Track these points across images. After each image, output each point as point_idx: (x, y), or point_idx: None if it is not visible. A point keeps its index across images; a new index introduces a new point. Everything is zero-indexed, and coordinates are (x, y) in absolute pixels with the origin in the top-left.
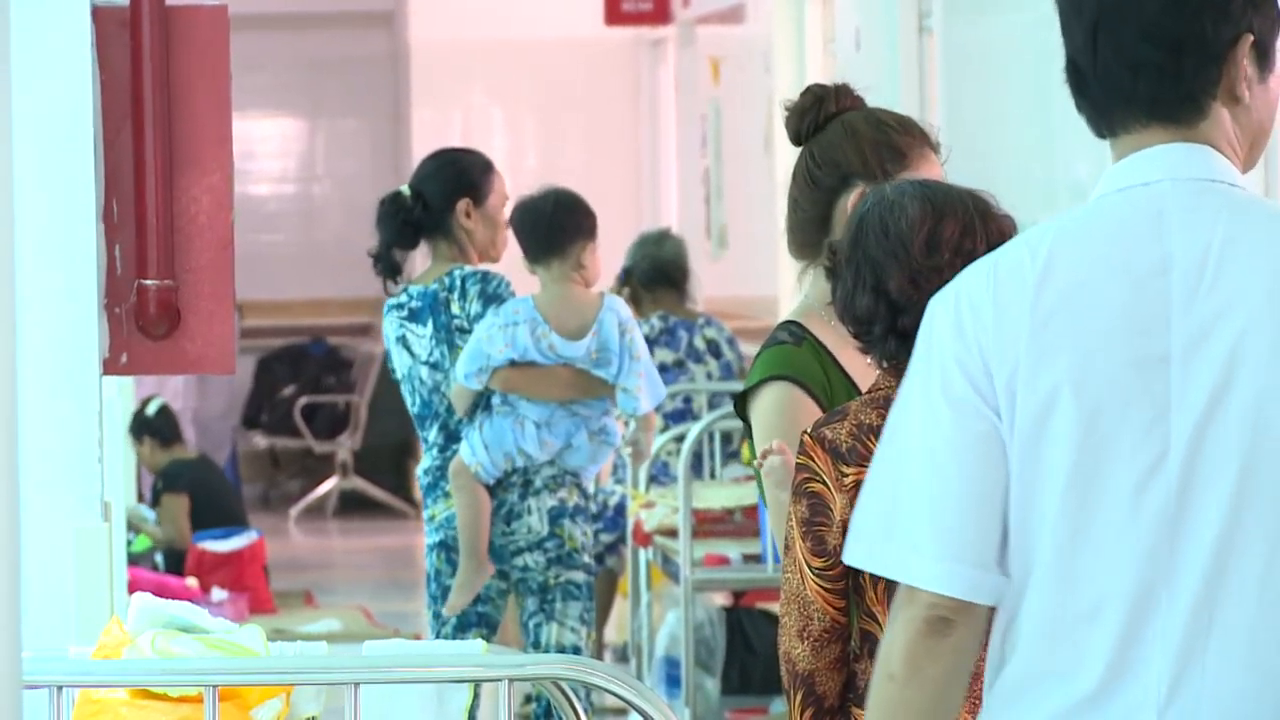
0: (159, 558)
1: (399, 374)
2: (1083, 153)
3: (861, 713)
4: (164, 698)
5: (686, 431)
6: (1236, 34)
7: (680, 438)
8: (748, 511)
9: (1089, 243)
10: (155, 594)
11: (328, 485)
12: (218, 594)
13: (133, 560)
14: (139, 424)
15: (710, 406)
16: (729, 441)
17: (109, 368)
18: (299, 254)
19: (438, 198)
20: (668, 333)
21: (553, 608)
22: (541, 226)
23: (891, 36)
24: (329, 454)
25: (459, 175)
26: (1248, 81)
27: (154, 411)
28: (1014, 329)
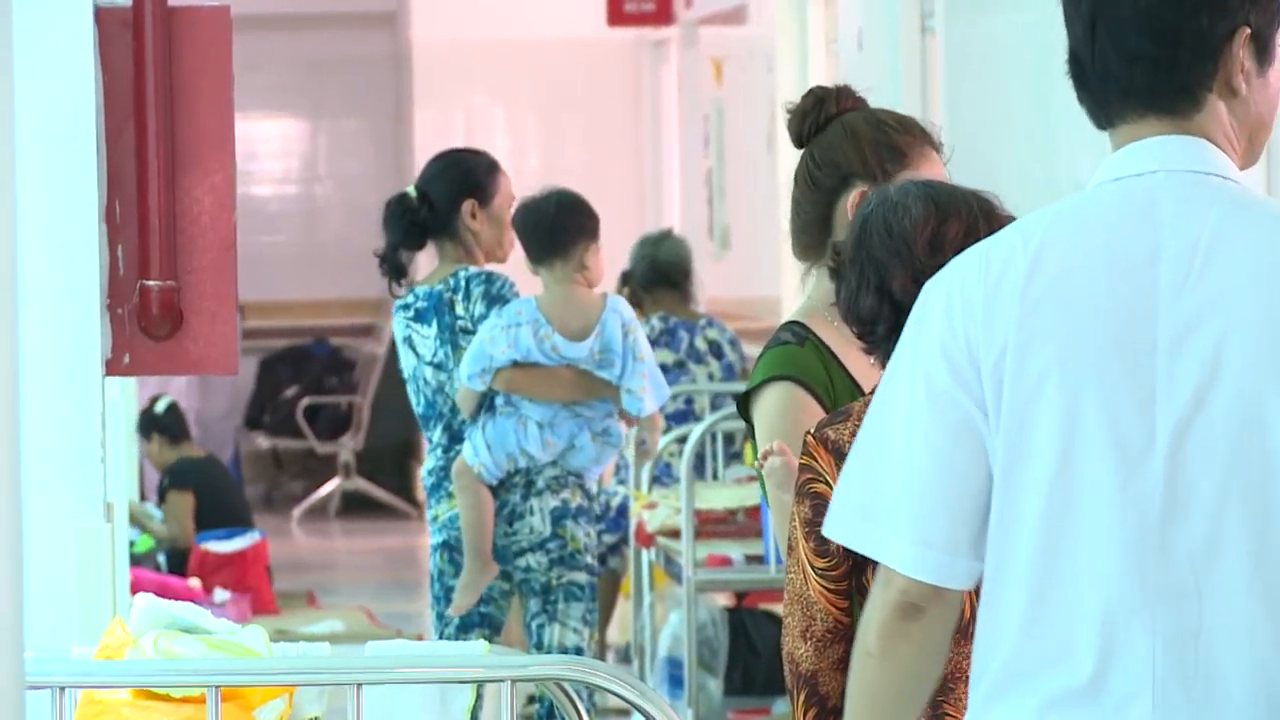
0: (161, 558)
1: (405, 374)
2: (1085, 152)
3: None
4: (166, 698)
5: (689, 432)
6: (1233, 27)
7: (683, 438)
8: (750, 512)
9: (1081, 231)
10: (158, 595)
11: (330, 486)
12: (220, 595)
13: (135, 561)
14: (147, 421)
15: (712, 407)
16: (731, 442)
17: (111, 368)
18: (301, 254)
19: (443, 199)
20: (668, 333)
21: (555, 609)
22: (544, 227)
23: (894, 36)
24: (331, 455)
25: (464, 176)
26: (1245, 75)
27: (163, 409)
28: (1004, 315)
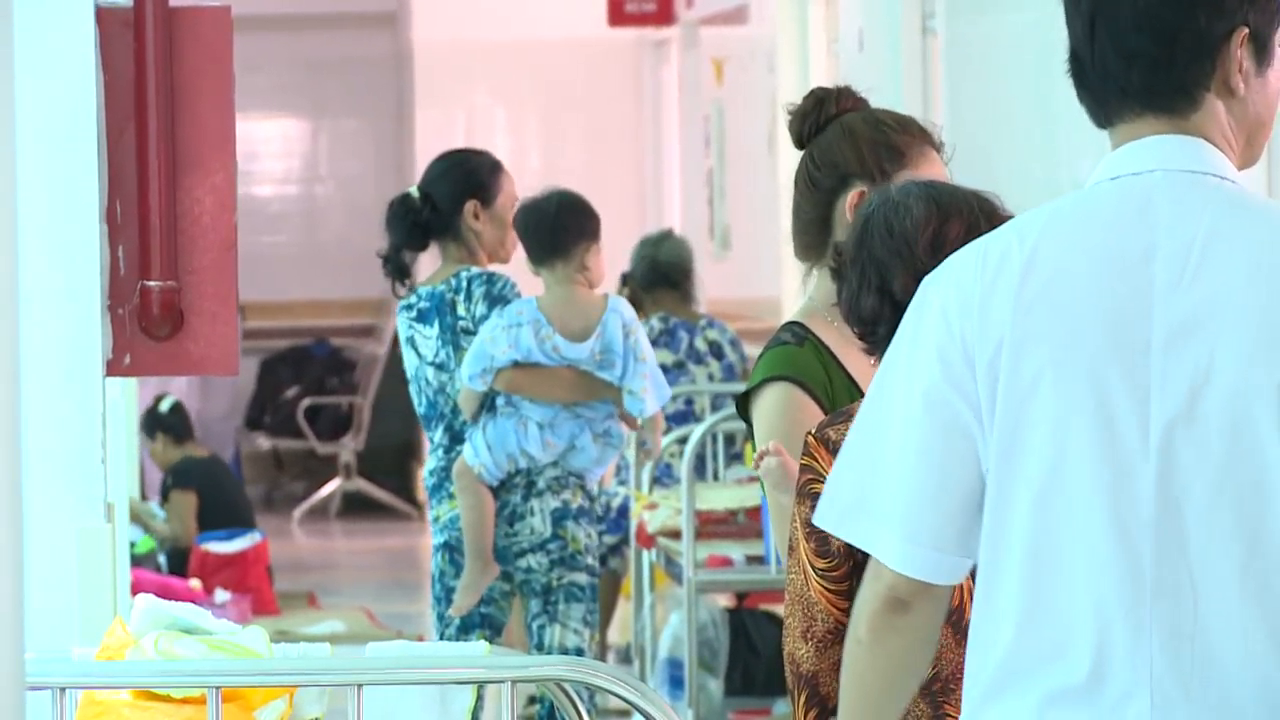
0: (162, 559)
1: (408, 374)
2: (1085, 151)
3: None
4: (167, 699)
5: (689, 433)
6: (1230, 27)
7: (683, 439)
8: (751, 513)
9: (1077, 229)
10: (158, 595)
11: (331, 486)
12: (221, 595)
13: (136, 562)
14: (152, 420)
15: (713, 408)
16: (732, 443)
17: (112, 369)
18: (302, 255)
19: (446, 199)
20: (668, 334)
21: (556, 609)
22: (545, 228)
23: (895, 37)
24: (332, 455)
25: (467, 176)
26: (1243, 75)
27: (167, 409)
28: (999, 313)
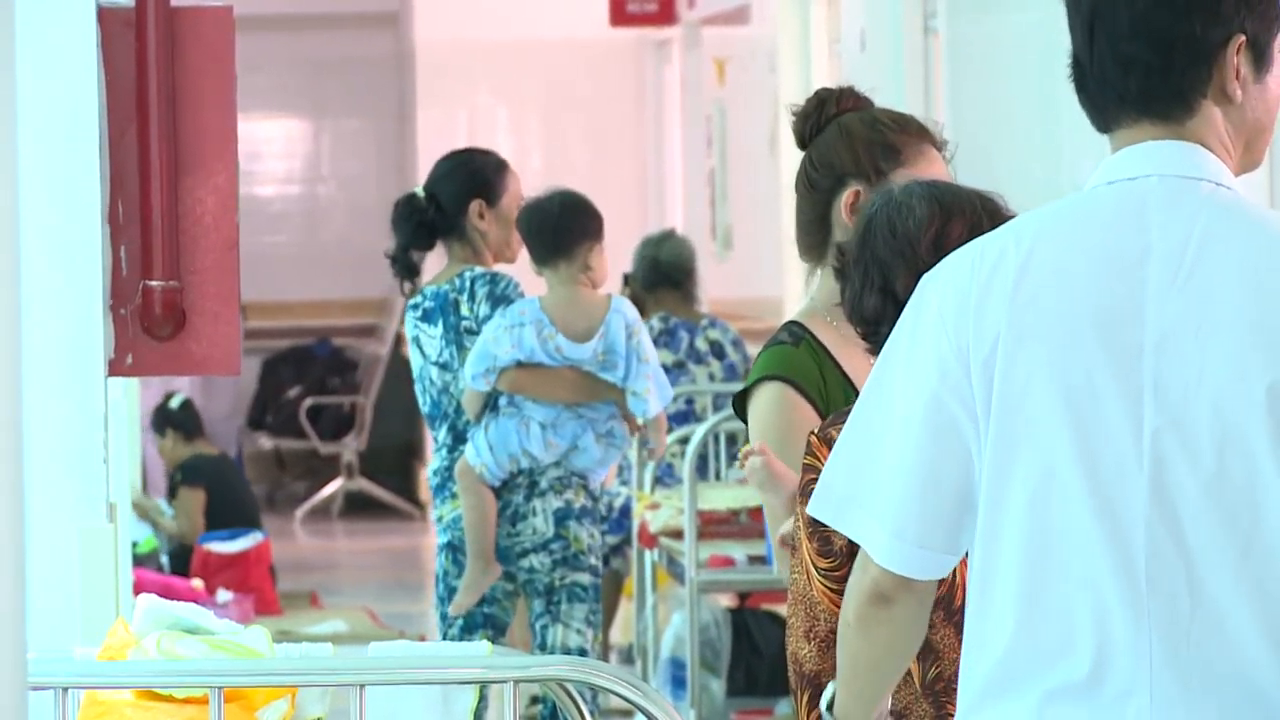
0: (164, 559)
1: (414, 374)
2: (1088, 152)
3: None
4: (169, 699)
5: (691, 433)
6: (1227, 34)
7: (685, 439)
8: (753, 513)
9: (1073, 232)
10: (160, 595)
11: (333, 486)
12: (223, 595)
13: (138, 562)
14: (162, 417)
15: (715, 408)
16: (734, 443)
17: (114, 369)
18: (304, 255)
19: (451, 199)
20: (668, 334)
21: (558, 609)
22: (548, 228)
23: (896, 37)
24: (334, 455)
25: (471, 176)
26: (1241, 81)
27: (177, 405)
28: (994, 313)
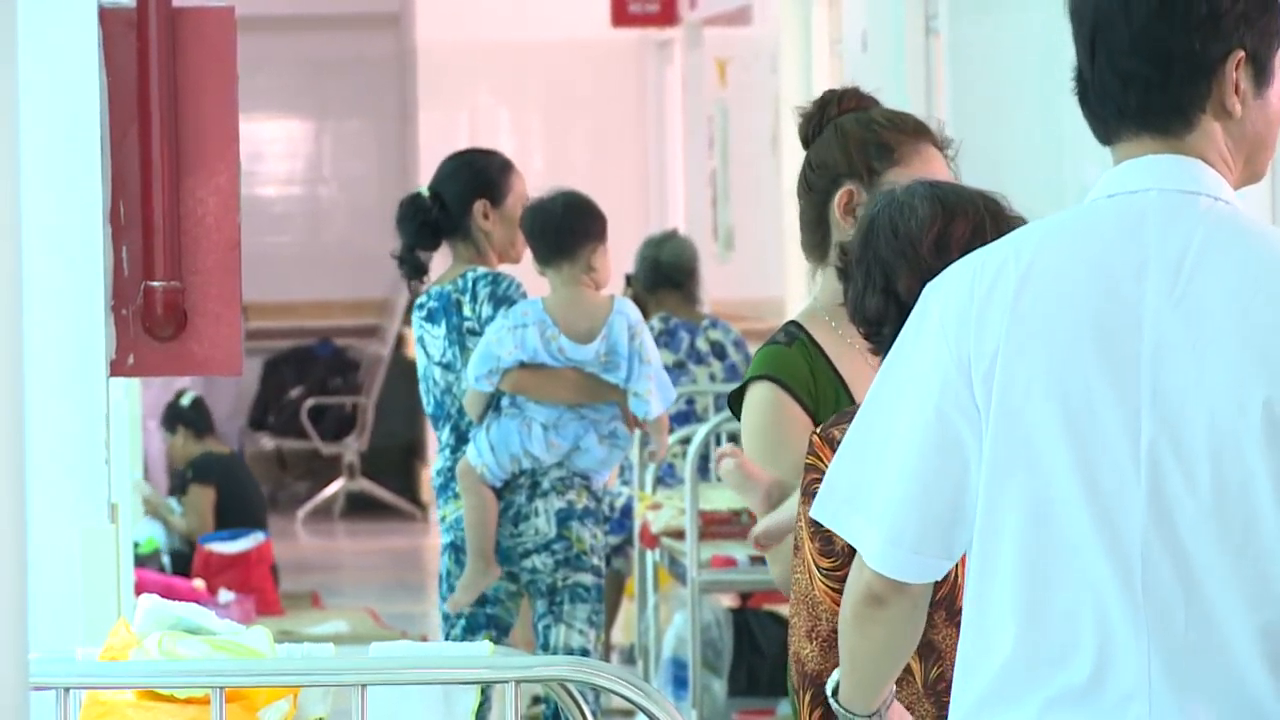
0: (166, 559)
1: (418, 374)
2: (1090, 153)
3: None
4: (171, 699)
5: (693, 434)
6: (1227, 50)
7: (686, 440)
8: (754, 514)
9: (1072, 244)
10: (162, 595)
11: (334, 487)
12: (225, 595)
13: (140, 562)
14: (173, 414)
15: (716, 408)
16: (735, 443)
17: (116, 369)
18: (305, 255)
19: (455, 199)
20: (668, 334)
21: (561, 610)
22: (551, 229)
23: (898, 37)
24: (336, 455)
25: (476, 176)
26: (1240, 96)
27: (188, 403)
28: (994, 325)
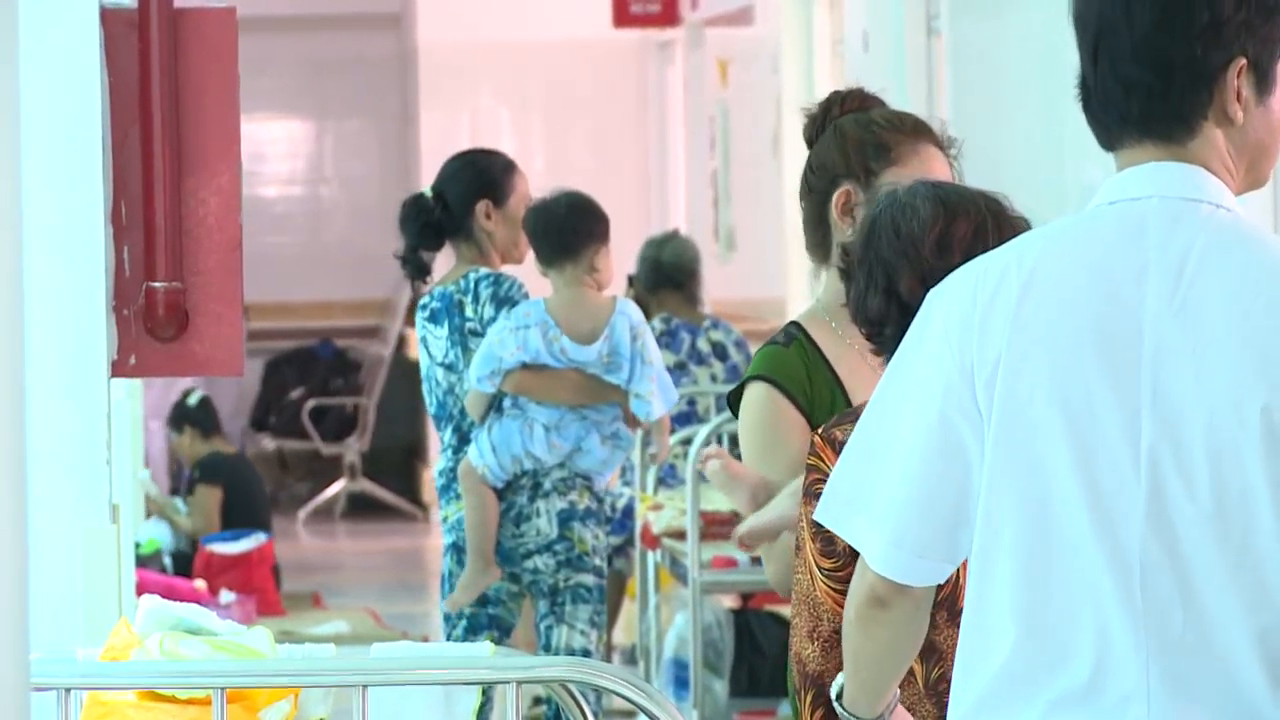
0: (167, 560)
1: (421, 374)
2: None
3: None
4: (172, 700)
5: (694, 434)
6: (1228, 58)
7: (688, 440)
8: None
9: (1074, 251)
10: (163, 596)
11: (336, 487)
12: (226, 596)
13: (141, 562)
14: (179, 414)
15: (717, 409)
16: (736, 444)
17: (117, 370)
18: (307, 256)
19: (458, 199)
20: (669, 335)
21: (562, 610)
22: (554, 229)
23: (899, 38)
24: (337, 456)
25: (478, 176)
26: (1242, 103)
27: (195, 402)
28: (997, 331)
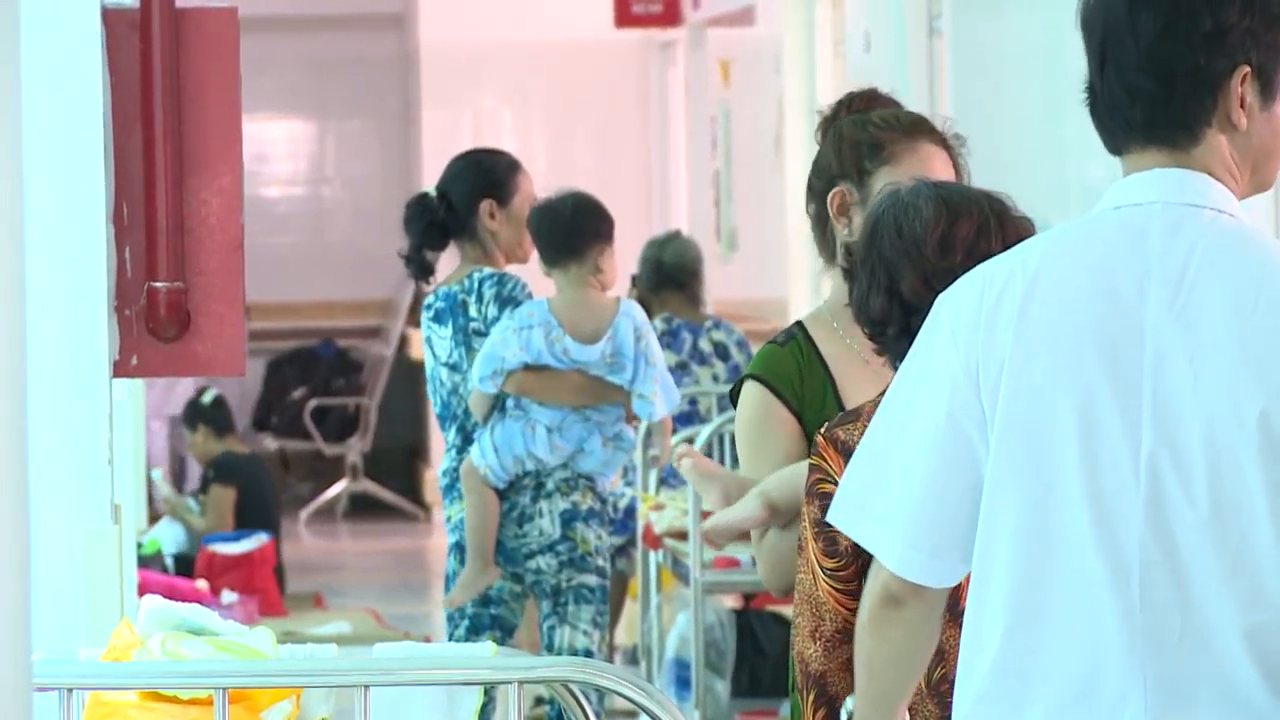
0: (169, 560)
1: (426, 374)
2: (1093, 154)
3: None
4: (174, 700)
5: (695, 434)
6: (1232, 65)
7: (689, 440)
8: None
9: (1077, 255)
10: (165, 596)
11: (337, 488)
12: (228, 596)
13: (142, 563)
14: (193, 412)
15: (719, 409)
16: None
17: (119, 370)
18: (309, 256)
19: (462, 199)
20: (670, 335)
21: (565, 611)
22: (559, 229)
23: (901, 38)
24: (339, 456)
25: (482, 176)
26: (1246, 110)
27: (210, 401)
28: (1002, 334)
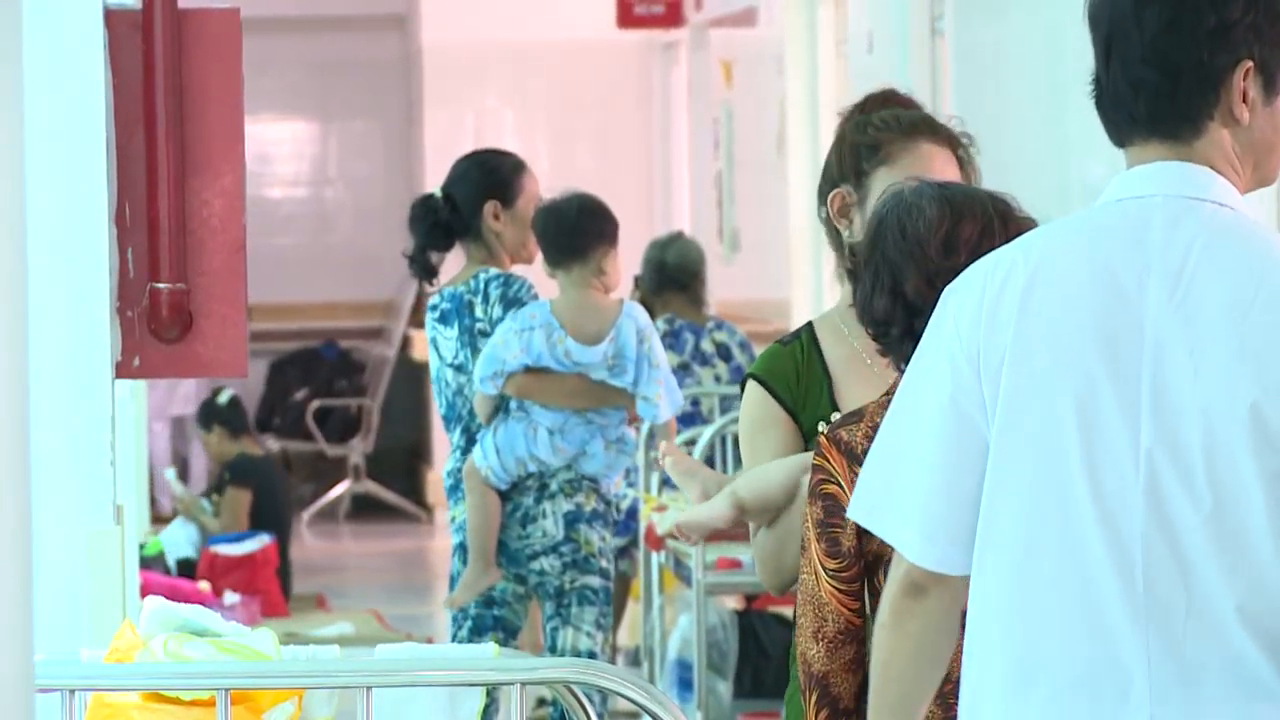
0: (171, 561)
1: (431, 375)
2: (1096, 153)
3: None
4: (176, 701)
5: (698, 435)
6: (1235, 60)
7: (692, 441)
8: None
9: (1079, 247)
10: (167, 597)
11: (340, 489)
12: (230, 597)
13: (145, 564)
14: (209, 412)
15: (722, 410)
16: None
17: (121, 371)
18: (311, 257)
19: (466, 199)
20: (672, 335)
21: (568, 612)
22: (564, 231)
23: (903, 38)
24: (341, 457)
25: (486, 177)
26: (1249, 104)
27: (225, 401)
28: (1004, 325)
